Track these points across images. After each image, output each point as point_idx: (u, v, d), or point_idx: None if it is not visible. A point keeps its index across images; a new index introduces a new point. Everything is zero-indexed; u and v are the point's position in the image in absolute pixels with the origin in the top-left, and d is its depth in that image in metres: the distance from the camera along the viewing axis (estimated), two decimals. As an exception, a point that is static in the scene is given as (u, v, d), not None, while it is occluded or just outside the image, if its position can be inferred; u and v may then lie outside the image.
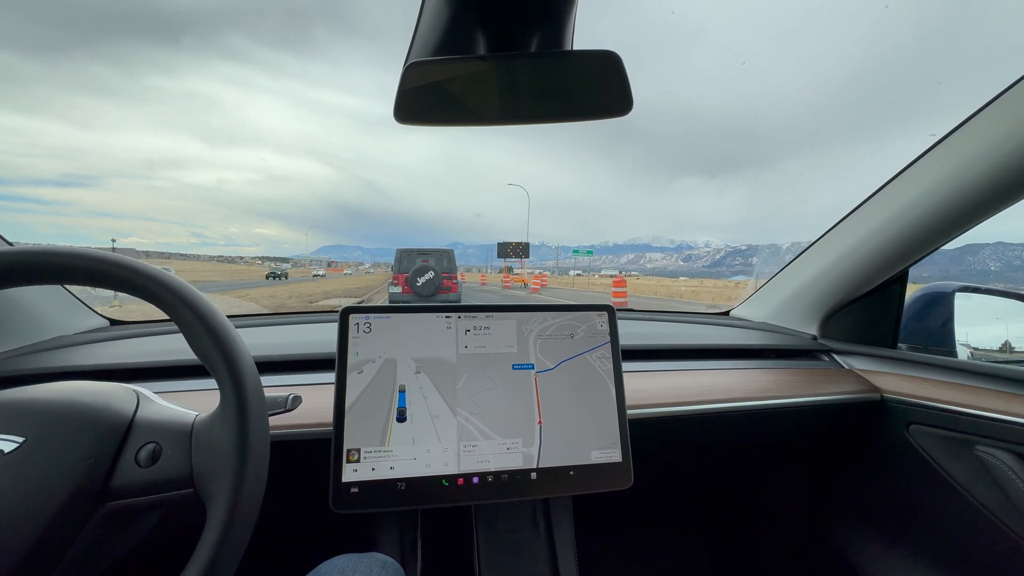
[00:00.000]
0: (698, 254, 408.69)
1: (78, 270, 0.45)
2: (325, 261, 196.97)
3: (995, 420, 0.79)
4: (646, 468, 0.78)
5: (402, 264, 9.54)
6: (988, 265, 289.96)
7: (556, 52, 0.55)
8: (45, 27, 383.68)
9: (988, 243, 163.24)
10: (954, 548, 0.90)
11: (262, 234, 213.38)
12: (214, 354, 0.46)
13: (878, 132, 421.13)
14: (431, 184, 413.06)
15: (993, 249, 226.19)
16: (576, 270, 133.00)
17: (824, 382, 0.99)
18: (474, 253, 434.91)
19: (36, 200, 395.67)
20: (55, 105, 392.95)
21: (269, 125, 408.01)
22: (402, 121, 0.57)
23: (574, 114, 0.60)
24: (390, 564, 0.63)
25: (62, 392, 0.49)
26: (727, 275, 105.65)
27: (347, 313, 0.70)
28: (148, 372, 0.78)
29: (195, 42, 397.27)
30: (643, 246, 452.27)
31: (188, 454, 0.47)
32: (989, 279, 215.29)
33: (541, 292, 18.31)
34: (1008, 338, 1.08)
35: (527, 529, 0.84)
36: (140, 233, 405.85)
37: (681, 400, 0.85)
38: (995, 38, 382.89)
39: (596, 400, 0.74)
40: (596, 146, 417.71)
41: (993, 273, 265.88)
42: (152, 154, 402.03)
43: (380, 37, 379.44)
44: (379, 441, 0.66)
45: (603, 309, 0.79)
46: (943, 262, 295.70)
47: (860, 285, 1.05)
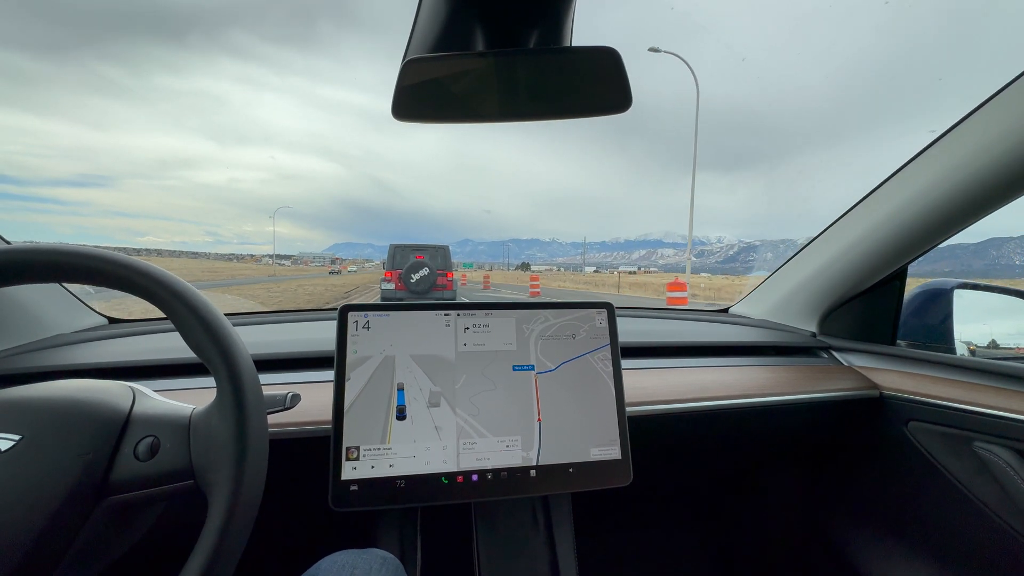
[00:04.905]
0: (711, 250, 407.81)
1: (72, 268, 0.45)
2: (329, 258, 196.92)
3: (994, 416, 0.79)
4: (645, 465, 0.78)
5: (395, 260, 9.16)
6: (1013, 259, 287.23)
7: (555, 48, 0.55)
8: (50, 26, 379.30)
9: (1013, 236, 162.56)
10: (952, 544, 0.90)
11: (274, 232, 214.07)
12: (209, 348, 0.46)
13: (899, 120, 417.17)
14: (440, 181, 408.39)
15: (1019, 243, 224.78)
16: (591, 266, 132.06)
17: (823, 379, 0.99)
18: (484, 250, 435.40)
19: (54, 200, 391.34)
20: (66, 105, 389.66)
21: (278, 123, 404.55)
22: (400, 118, 0.57)
23: (573, 111, 0.59)
24: (390, 560, 0.63)
25: (58, 390, 0.49)
26: (740, 271, 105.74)
27: (346, 311, 0.70)
28: (146, 370, 0.78)
29: (201, 40, 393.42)
30: (655, 242, 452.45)
31: (187, 446, 0.47)
32: (1015, 273, 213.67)
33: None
34: (1007, 335, 1.09)
35: (527, 527, 0.84)
36: (156, 232, 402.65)
37: (680, 397, 0.85)
38: (994, 38, 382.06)
39: (595, 398, 0.74)
40: (607, 140, 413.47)
41: (1018, 268, 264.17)
42: (164, 154, 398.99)
43: (384, 31, 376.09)
44: (379, 439, 0.66)
45: (603, 307, 0.79)
46: (965, 256, 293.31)
47: (859, 282, 1.05)
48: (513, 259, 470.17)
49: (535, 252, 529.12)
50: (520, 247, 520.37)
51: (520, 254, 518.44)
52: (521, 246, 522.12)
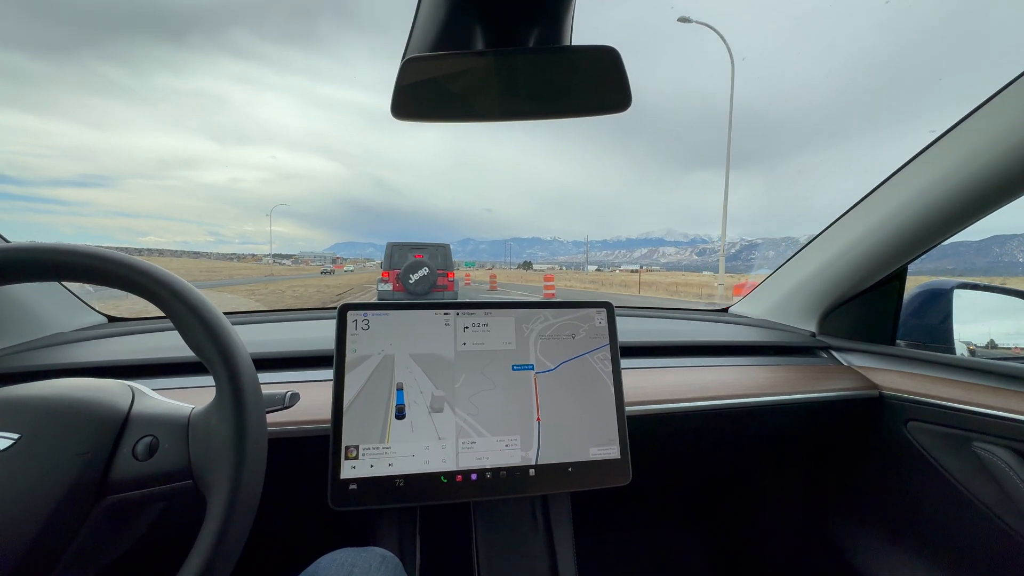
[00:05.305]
0: (712, 248, 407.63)
1: (71, 267, 0.45)
2: (330, 257, 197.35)
3: (993, 417, 0.79)
4: (644, 465, 0.78)
5: (393, 260, 8.52)
6: (1016, 257, 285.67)
7: (554, 47, 0.55)
8: (50, 26, 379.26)
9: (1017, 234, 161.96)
10: (951, 544, 0.90)
11: (275, 231, 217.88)
12: (208, 347, 0.46)
13: (901, 119, 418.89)
14: (441, 180, 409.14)
15: (1022, 240, 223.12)
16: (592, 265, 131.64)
17: (823, 379, 0.99)
18: (486, 249, 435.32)
19: (56, 201, 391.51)
20: (66, 105, 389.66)
21: (278, 122, 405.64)
22: (399, 117, 0.57)
23: (572, 110, 0.59)
24: (389, 558, 0.63)
25: (56, 389, 0.49)
26: (743, 269, 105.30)
27: (345, 310, 0.70)
28: (146, 369, 0.78)
29: (201, 39, 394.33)
30: (656, 240, 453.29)
31: (185, 446, 0.47)
32: (1018, 271, 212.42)
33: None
34: (1006, 334, 1.09)
35: (526, 526, 0.84)
36: (158, 232, 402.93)
37: (680, 397, 0.85)
38: (995, 38, 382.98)
39: (595, 398, 0.74)
40: (608, 138, 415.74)
41: (1021, 265, 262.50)
42: (165, 154, 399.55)
43: (384, 30, 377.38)
44: (379, 438, 0.66)
45: (602, 306, 0.79)
46: (968, 254, 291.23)
47: (859, 282, 1.05)
48: (514, 258, 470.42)
49: (536, 251, 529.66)
50: (521, 246, 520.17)
51: (521, 253, 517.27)
52: (522, 245, 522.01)
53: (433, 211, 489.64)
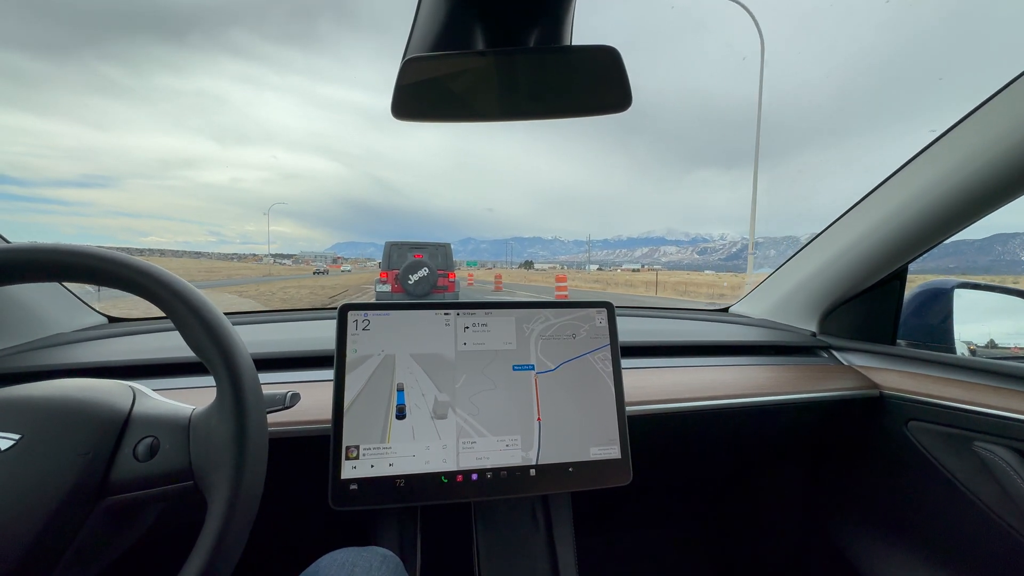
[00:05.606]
0: (713, 247, 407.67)
1: (72, 267, 0.45)
2: (331, 257, 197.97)
3: (993, 416, 0.79)
4: (645, 465, 0.78)
5: (392, 259, 8.24)
6: (1018, 255, 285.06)
7: (555, 47, 0.55)
8: (51, 26, 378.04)
9: (1019, 232, 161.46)
10: (952, 543, 0.90)
11: (277, 231, 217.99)
12: (209, 347, 0.46)
13: (902, 119, 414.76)
14: (442, 180, 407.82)
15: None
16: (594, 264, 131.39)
17: (823, 379, 0.99)
18: (487, 248, 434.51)
19: (58, 201, 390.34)
20: (67, 106, 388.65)
21: (279, 122, 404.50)
22: (400, 117, 0.57)
23: (573, 110, 0.59)
24: (390, 558, 0.63)
25: (57, 389, 0.49)
26: (743, 268, 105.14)
27: (346, 310, 0.70)
28: (146, 369, 0.78)
29: (201, 39, 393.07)
30: (657, 239, 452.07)
31: (186, 447, 0.47)
32: (1020, 269, 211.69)
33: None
34: (1006, 334, 1.08)
35: (526, 526, 0.84)
36: (159, 232, 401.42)
37: (680, 397, 0.85)
38: (995, 38, 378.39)
39: (595, 397, 0.74)
40: (609, 137, 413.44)
41: (1023, 264, 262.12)
42: (166, 154, 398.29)
43: (385, 30, 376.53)
44: (379, 438, 0.66)
45: (602, 306, 0.79)
46: (970, 252, 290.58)
47: (859, 281, 1.05)
48: (515, 257, 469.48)
49: (537, 250, 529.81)
50: (522, 245, 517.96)
51: (522, 252, 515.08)
52: (523, 244, 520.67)
53: (434, 211, 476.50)
